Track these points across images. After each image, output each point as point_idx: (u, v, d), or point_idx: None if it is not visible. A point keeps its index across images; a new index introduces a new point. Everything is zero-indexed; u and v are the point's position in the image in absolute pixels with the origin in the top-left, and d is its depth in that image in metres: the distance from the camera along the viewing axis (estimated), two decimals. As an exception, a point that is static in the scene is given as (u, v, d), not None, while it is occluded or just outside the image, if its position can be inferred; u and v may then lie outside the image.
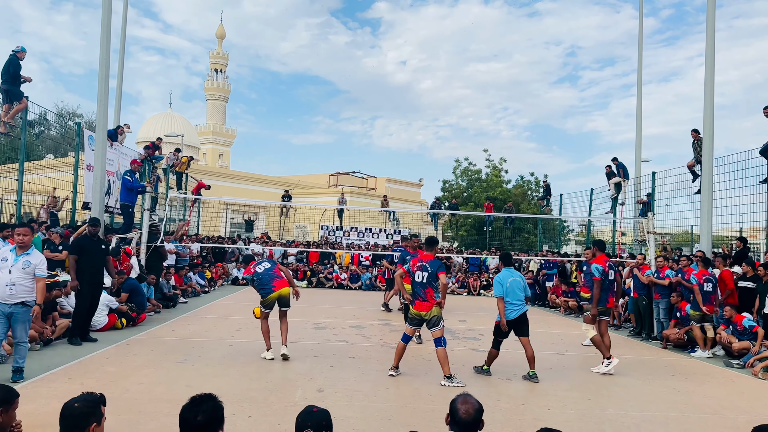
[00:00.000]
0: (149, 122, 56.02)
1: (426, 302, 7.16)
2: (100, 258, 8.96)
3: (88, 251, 8.78)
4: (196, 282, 16.65)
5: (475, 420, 2.93)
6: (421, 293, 7.19)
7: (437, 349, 7.13)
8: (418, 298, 7.22)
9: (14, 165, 12.73)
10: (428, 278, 7.16)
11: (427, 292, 7.16)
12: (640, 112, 20.56)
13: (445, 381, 7.01)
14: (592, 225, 23.89)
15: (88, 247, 8.86)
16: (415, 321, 7.30)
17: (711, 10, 13.00)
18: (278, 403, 5.91)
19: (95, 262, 8.83)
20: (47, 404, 5.33)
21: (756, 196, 13.29)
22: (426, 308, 7.15)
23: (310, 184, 44.77)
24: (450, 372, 7.06)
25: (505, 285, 7.70)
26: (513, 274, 7.92)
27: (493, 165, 34.55)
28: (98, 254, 8.91)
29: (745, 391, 7.59)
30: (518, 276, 7.98)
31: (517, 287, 7.74)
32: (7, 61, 11.76)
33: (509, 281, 7.74)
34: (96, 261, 8.86)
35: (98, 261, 8.91)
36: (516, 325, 7.66)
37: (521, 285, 7.83)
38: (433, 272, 7.15)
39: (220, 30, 69.19)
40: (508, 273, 7.91)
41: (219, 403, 2.85)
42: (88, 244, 8.91)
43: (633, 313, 12.39)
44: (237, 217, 31.46)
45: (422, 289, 7.18)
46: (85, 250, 8.79)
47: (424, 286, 7.17)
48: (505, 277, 7.80)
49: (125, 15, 19.26)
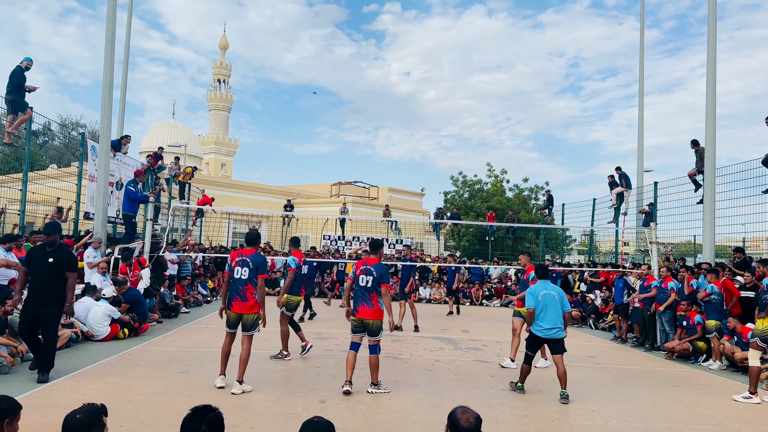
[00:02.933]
0: (152, 132, 56.31)
1: (371, 308, 6.82)
2: (45, 274, 6.92)
3: (33, 265, 7.06)
4: (199, 292, 16.65)
5: (475, 429, 2.95)
6: (365, 298, 6.85)
7: (371, 356, 6.91)
8: (362, 304, 6.87)
9: (18, 175, 12.78)
10: (373, 282, 6.85)
11: (371, 297, 6.84)
12: (642, 122, 20.59)
13: (372, 388, 6.89)
14: (594, 235, 23.86)
15: (33, 259, 7.11)
16: (359, 328, 6.95)
17: (712, 21, 13.05)
18: (280, 414, 5.89)
19: (39, 278, 6.96)
20: (49, 415, 5.32)
21: (758, 206, 13.29)
22: (370, 315, 6.82)
23: (312, 193, 44.83)
24: (378, 379, 6.96)
25: (536, 297, 7.18)
26: (548, 287, 7.29)
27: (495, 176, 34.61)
28: (42, 269, 6.92)
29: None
30: (555, 289, 7.29)
31: (552, 303, 7.13)
32: (13, 72, 11.85)
33: (542, 294, 7.18)
34: (40, 277, 6.95)
35: (42, 277, 6.94)
36: (550, 342, 7.24)
37: (557, 301, 7.17)
38: (377, 277, 6.85)
39: (223, 41, 69.65)
40: (543, 285, 7.33)
41: (220, 414, 2.85)
42: (35, 256, 7.11)
43: (637, 324, 12.34)
44: (239, 226, 31.49)
45: (367, 293, 6.85)
46: (30, 264, 7.14)
47: (369, 290, 6.85)
48: (539, 290, 7.25)
49: (129, 26, 19.41)
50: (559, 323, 7.13)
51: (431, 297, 21.32)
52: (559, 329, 7.11)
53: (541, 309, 7.14)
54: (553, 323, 7.09)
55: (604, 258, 24.69)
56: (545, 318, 7.12)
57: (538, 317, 7.16)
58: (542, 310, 7.14)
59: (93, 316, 9.65)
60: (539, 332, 7.16)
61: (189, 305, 15.07)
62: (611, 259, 21.68)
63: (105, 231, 13.05)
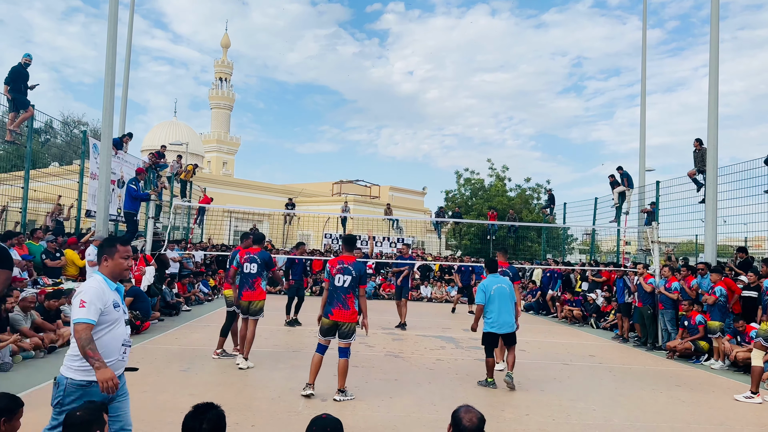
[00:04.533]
0: (154, 130, 56.36)
1: (347, 310, 6.39)
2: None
3: None
4: (200, 290, 16.65)
5: (478, 429, 2.94)
6: (341, 299, 6.40)
7: (340, 359, 6.45)
8: (337, 305, 6.41)
9: (20, 173, 12.79)
10: (351, 282, 6.40)
11: (348, 299, 6.41)
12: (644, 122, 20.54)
13: (339, 395, 6.42)
14: (596, 234, 23.82)
15: None
16: (331, 330, 6.49)
17: (714, 21, 13.01)
18: (281, 413, 5.88)
19: None
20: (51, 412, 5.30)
21: (761, 205, 13.26)
22: (346, 317, 6.38)
23: (313, 192, 44.82)
24: (345, 386, 6.51)
25: (488, 293, 7.28)
26: (499, 281, 7.38)
27: (496, 174, 34.56)
28: None
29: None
30: (505, 282, 7.43)
31: (504, 297, 7.27)
32: (14, 70, 11.85)
33: (494, 288, 7.28)
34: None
35: None
36: (504, 336, 7.43)
37: (508, 294, 7.33)
38: (356, 277, 6.43)
39: (224, 39, 69.63)
40: (494, 280, 7.41)
41: (221, 412, 2.85)
42: None
43: (638, 323, 12.32)
44: (241, 225, 31.49)
45: (343, 294, 6.39)
46: None
47: (346, 291, 6.39)
48: (490, 285, 7.33)
49: (131, 24, 19.40)
50: (511, 317, 7.35)
51: (432, 296, 21.31)
52: (511, 324, 7.34)
53: (495, 304, 7.26)
54: (506, 318, 7.28)
55: (605, 257, 24.65)
56: (500, 312, 7.27)
57: (492, 312, 7.29)
58: (496, 305, 7.26)
59: (94, 314, 9.64)
60: (495, 329, 7.31)
61: (190, 303, 15.08)
62: (613, 258, 21.64)
63: (106, 229, 13.04)
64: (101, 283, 3.46)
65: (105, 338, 3.39)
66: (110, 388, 3.21)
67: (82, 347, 3.23)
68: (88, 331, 3.27)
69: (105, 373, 3.22)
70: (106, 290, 3.45)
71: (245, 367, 7.76)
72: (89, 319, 3.29)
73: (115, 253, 3.55)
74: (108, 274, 3.55)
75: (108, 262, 3.56)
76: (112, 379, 3.22)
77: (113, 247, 3.58)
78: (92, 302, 3.32)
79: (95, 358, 3.22)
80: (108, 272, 3.55)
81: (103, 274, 3.53)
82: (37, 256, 10.81)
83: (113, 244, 3.61)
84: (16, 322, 7.91)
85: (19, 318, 7.98)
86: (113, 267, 3.56)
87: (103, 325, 3.39)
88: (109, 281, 3.52)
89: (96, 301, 3.34)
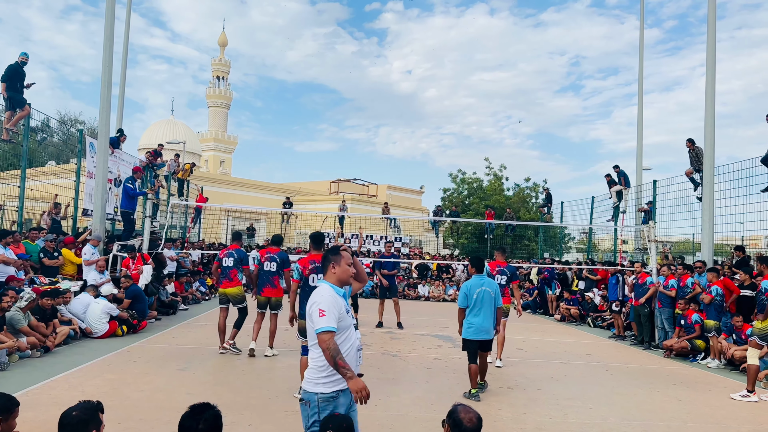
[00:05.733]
0: (151, 129, 56.21)
1: None
2: None
3: None
4: (197, 289, 16.63)
5: (477, 428, 2.93)
6: None
7: (302, 357, 6.31)
8: None
9: (16, 171, 12.74)
10: None
11: None
12: (641, 121, 20.58)
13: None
14: (593, 233, 23.85)
15: None
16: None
17: (711, 20, 13.03)
18: (279, 412, 5.88)
19: None
20: (47, 411, 5.31)
21: (757, 204, 13.29)
22: None
23: (311, 191, 44.78)
24: None
25: (471, 296, 6.77)
26: (484, 283, 6.87)
27: (493, 172, 34.57)
28: None
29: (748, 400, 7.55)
30: (490, 285, 6.92)
31: (487, 301, 6.76)
32: (10, 68, 11.81)
33: (477, 292, 6.77)
34: None
35: None
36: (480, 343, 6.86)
37: (492, 298, 6.83)
38: None
39: (222, 37, 69.48)
40: (479, 281, 6.89)
41: (218, 412, 2.84)
42: None
43: (635, 322, 12.35)
44: (238, 223, 31.46)
45: None
46: None
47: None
48: (474, 287, 6.81)
49: (128, 21, 19.35)
50: (490, 324, 6.82)
51: (430, 294, 21.32)
52: (489, 330, 6.81)
53: (476, 307, 6.76)
54: (485, 324, 6.77)
55: (602, 256, 24.69)
56: (479, 317, 6.76)
57: (475, 317, 6.79)
58: (477, 309, 6.76)
59: (91, 313, 9.64)
60: (473, 335, 6.78)
61: (188, 302, 15.06)
62: (610, 257, 21.68)
63: (103, 228, 13.02)
64: (331, 290, 3.41)
65: (343, 345, 3.35)
66: (364, 398, 3.15)
67: (332, 357, 3.18)
68: (333, 340, 3.23)
69: (358, 383, 3.16)
70: (338, 297, 3.40)
71: (270, 354, 8.75)
72: (331, 327, 3.25)
73: (341, 260, 3.51)
74: (335, 281, 3.49)
75: (335, 269, 3.50)
76: (364, 388, 3.16)
77: (338, 254, 3.52)
78: (330, 310, 3.28)
79: (346, 368, 3.19)
80: (335, 279, 3.49)
81: (330, 282, 3.48)
82: (35, 255, 10.79)
83: (337, 251, 3.54)
84: (15, 321, 7.90)
85: (19, 318, 7.96)
86: (340, 274, 3.50)
87: (340, 332, 3.34)
88: (336, 288, 3.46)
89: (333, 309, 3.29)
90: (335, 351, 3.20)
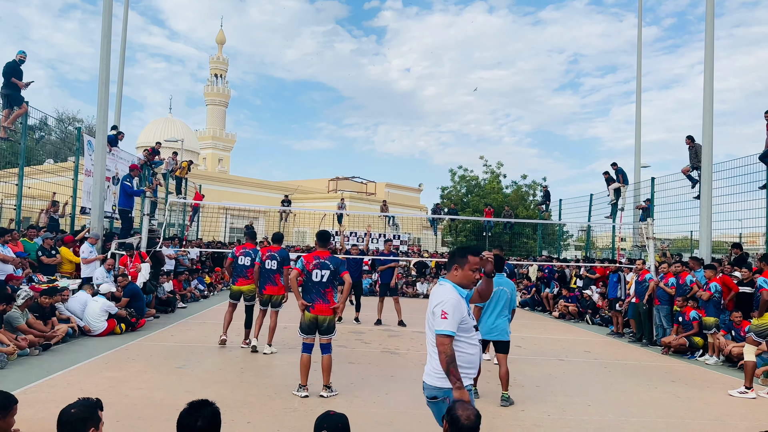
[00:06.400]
0: (149, 127, 56.07)
1: (325, 304, 6.46)
2: None
3: None
4: (195, 287, 16.62)
5: (475, 425, 2.94)
6: (320, 294, 6.47)
7: (324, 356, 6.46)
8: (317, 300, 6.46)
9: (14, 170, 12.72)
10: (330, 276, 6.48)
11: (327, 293, 6.49)
12: (639, 119, 20.61)
13: (325, 391, 6.43)
14: (591, 230, 23.87)
15: None
16: (312, 327, 6.47)
17: (710, 18, 13.03)
18: (278, 409, 5.88)
19: None
20: (46, 409, 5.31)
21: (755, 201, 13.31)
22: (324, 311, 6.44)
23: (309, 189, 44.72)
24: (330, 381, 6.51)
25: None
26: (501, 282, 6.64)
27: (491, 170, 34.56)
28: None
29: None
30: (507, 284, 6.77)
31: (503, 301, 6.61)
32: (8, 66, 11.78)
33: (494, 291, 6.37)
34: None
35: None
36: (494, 343, 6.72)
37: (508, 298, 6.68)
38: (334, 270, 6.50)
39: (220, 35, 69.35)
40: (496, 280, 6.49)
41: (216, 409, 2.84)
42: None
43: (633, 319, 12.36)
44: (236, 222, 31.43)
45: (322, 289, 6.47)
46: None
47: (325, 285, 6.48)
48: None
49: (126, 19, 19.30)
50: (504, 325, 6.63)
51: (428, 292, 21.33)
52: (502, 331, 6.62)
53: (490, 307, 6.62)
54: (499, 323, 6.61)
55: (601, 254, 24.72)
56: (492, 317, 6.62)
57: (486, 315, 6.64)
58: (492, 309, 6.63)
59: (90, 312, 9.63)
60: (487, 335, 6.54)
61: (186, 300, 15.05)
62: (608, 254, 21.70)
63: (101, 226, 13.01)
64: (455, 292, 3.42)
65: (465, 347, 3.38)
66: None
67: (447, 363, 3.22)
68: (451, 345, 3.26)
69: (464, 395, 3.20)
70: (461, 300, 3.41)
71: (269, 352, 8.72)
72: (451, 331, 3.28)
73: (465, 264, 3.49)
74: (458, 282, 3.50)
75: (458, 272, 3.51)
76: (468, 402, 3.17)
77: (465, 258, 3.51)
78: (453, 314, 3.29)
79: (456, 377, 3.23)
80: (458, 281, 3.50)
81: (453, 282, 3.49)
82: (33, 254, 10.78)
83: (465, 254, 3.53)
84: (13, 319, 7.89)
85: (17, 316, 7.95)
86: (462, 277, 3.50)
87: (462, 334, 3.37)
88: (459, 289, 3.46)
89: (455, 313, 3.31)
90: (451, 358, 3.25)
